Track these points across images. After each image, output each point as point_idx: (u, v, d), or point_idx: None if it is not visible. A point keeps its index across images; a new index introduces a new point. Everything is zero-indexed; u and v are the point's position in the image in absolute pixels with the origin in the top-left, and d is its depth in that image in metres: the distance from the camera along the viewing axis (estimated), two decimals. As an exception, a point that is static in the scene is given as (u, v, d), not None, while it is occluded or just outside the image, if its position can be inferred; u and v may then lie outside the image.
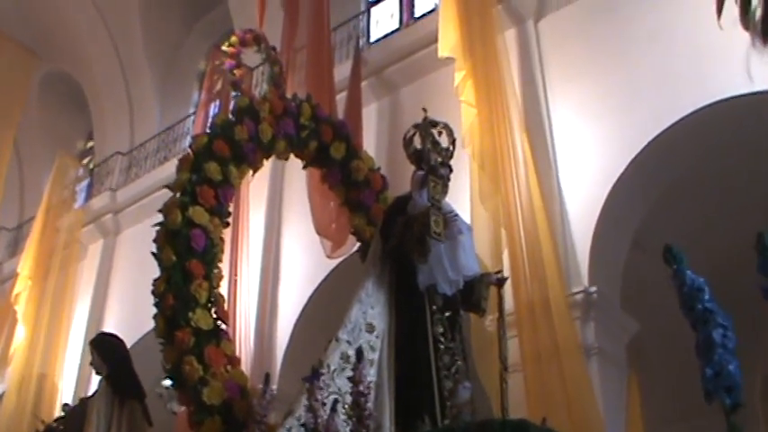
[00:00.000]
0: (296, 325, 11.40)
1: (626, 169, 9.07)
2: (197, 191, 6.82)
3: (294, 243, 11.92)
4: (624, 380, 8.70)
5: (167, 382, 8.07)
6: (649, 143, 9.03)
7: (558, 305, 8.36)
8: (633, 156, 9.07)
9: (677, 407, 10.44)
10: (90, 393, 8.12)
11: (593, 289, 8.70)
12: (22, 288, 15.32)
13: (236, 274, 10.93)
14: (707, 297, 3.40)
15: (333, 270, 10.78)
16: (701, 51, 8.88)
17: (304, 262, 11.60)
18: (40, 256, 15.72)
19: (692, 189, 10.06)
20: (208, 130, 7.68)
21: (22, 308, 15.17)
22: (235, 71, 9.79)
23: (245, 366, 10.00)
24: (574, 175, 9.34)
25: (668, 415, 10.84)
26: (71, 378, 14.10)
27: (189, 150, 7.29)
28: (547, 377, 8.10)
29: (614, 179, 9.08)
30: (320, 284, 11.28)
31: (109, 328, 13.22)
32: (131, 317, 13.30)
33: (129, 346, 10.63)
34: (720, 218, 10.40)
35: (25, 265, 15.62)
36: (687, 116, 8.83)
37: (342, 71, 11.87)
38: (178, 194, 6.87)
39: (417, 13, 13.49)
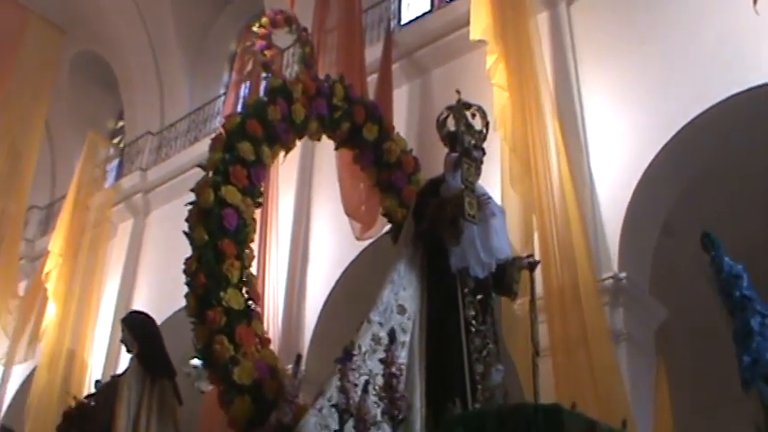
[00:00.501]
0: (324, 306, 11.43)
1: (657, 156, 9.03)
2: (230, 170, 6.82)
3: (323, 224, 11.94)
4: (652, 366, 8.66)
5: (195, 361, 8.14)
6: (680, 130, 8.99)
7: (587, 290, 8.34)
8: (664, 142, 9.03)
9: (706, 394, 10.39)
10: (120, 370, 8.21)
11: (623, 275, 8.68)
12: (53, 266, 15.43)
13: (265, 255, 10.97)
14: (745, 284, 3.38)
15: (362, 252, 10.81)
16: (733, 37, 8.82)
17: (333, 243, 11.62)
18: (71, 235, 15.83)
19: (723, 175, 10.00)
20: (240, 111, 7.69)
21: (52, 285, 15.28)
22: (265, 52, 9.79)
23: (274, 347, 10.08)
24: (605, 160, 9.30)
25: (697, 402, 10.79)
26: (100, 355, 14.23)
27: (221, 130, 7.29)
28: (575, 363, 8.10)
29: (645, 165, 9.05)
30: (349, 266, 11.31)
31: (137, 306, 13.34)
32: (160, 295, 13.40)
33: (157, 324, 10.83)
34: (751, 204, 10.33)
35: (56, 243, 15.73)
36: (718, 103, 8.79)
37: (373, 53, 11.86)
38: (210, 174, 6.88)
39: (449, -4, 13.43)
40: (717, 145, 9.37)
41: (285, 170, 11.68)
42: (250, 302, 6.53)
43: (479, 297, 5.77)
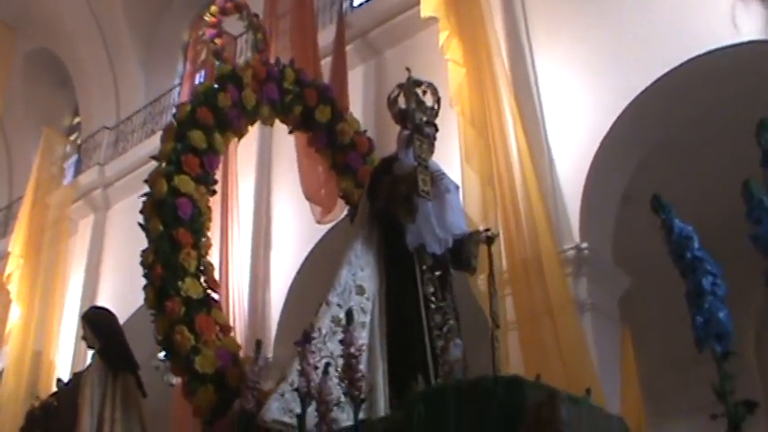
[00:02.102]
0: (289, 291, 11.39)
1: (614, 124, 9.05)
2: (182, 160, 6.77)
3: (285, 209, 11.89)
4: (618, 334, 8.72)
5: (163, 355, 8.07)
6: (636, 97, 9.00)
7: (549, 262, 8.37)
8: (620, 111, 9.04)
9: (671, 358, 10.48)
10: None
11: (585, 245, 8.71)
12: (14, 267, 15.28)
13: (227, 243, 10.91)
14: (696, 245, 3.36)
15: (324, 235, 10.76)
16: (686, 4, 8.84)
17: (295, 228, 11.57)
18: (31, 235, 15.69)
19: (681, 141, 10.02)
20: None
21: (15, 287, 15.15)
22: (216, 40, 9.72)
23: (240, 335, 10.03)
24: (562, 131, 9.31)
25: (662, 367, 10.90)
26: (67, 354, 14.10)
27: (173, 120, 7.23)
28: (541, 334, 8.13)
29: (602, 135, 9.06)
30: (312, 250, 11.27)
31: (103, 302, 13.20)
32: (125, 290, 13.26)
33: (124, 319, 10.72)
34: (710, 169, 10.38)
35: (16, 243, 15.58)
36: (674, 69, 8.80)
37: (326, 36, 11.83)
38: (163, 164, 6.82)
39: (399, -25, 13.35)
40: (674, 111, 9.39)
41: (243, 156, 11.61)
42: (209, 291, 6.48)
43: (438, 273, 5.74)
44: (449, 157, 8.66)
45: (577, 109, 9.32)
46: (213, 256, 8.45)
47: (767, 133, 3.04)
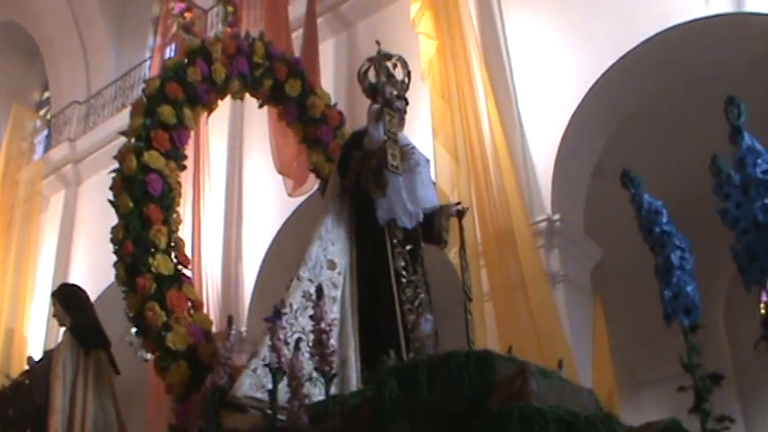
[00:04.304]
0: (262, 266, 11.38)
1: (585, 96, 9.08)
2: (151, 135, 6.70)
3: (257, 183, 11.85)
4: (590, 305, 8.79)
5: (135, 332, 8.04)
6: (608, 70, 9.04)
7: (521, 234, 8.41)
8: (592, 83, 9.08)
9: (642, 330, 10.56)
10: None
11: (557, 217, 8.76)
12: (-15, 244, 15.15)
13: (199, 218, 10.87)
14: (665, 220, 3.38)
15: (297, 209, 10.73)
16: (658, -27, 8.84)
17: (268, 202, 11.54)
18: (2, 211, 15.55)
19: (653, 114, 10.07)
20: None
21: (-14, 264, 15.02)
22: (186, 14, 9.64)
23: (213, 310, 10.01)
24: (534, 104, 9.33)
25: (634, 338, 10.99)
26: (39, 331, 14.02)
27: (142, 95, 7.16)
28: (515, 306, 8.19)
29: (574, 107, 9.10)
30: (284, 224, 11.25)
31: (75, 278, 13.14)
32: (97, 266, 13.18)
33: (97, 294, 10.69)
34: (681, 142, 10.43)
35: (-14, 220, 15.44)
36: (644, 42, 8.83)
37: (297, 8, 11.74)
38: (133, 140, 6.76)
39: (371, -53, 13.26)
40: (646, 84, 9.42)
41: (215, 131, 11.54)
42: (180, 267, 6.45)
43: (409, 248, 5.74)
44: (420, 130, 8.65)
45: (549, 82, 9.33)
46: (185, 232, 8.43)
47: (735, 109, 3.04)
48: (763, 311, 9.76)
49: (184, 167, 7.11)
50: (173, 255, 6.42)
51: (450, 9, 9.73)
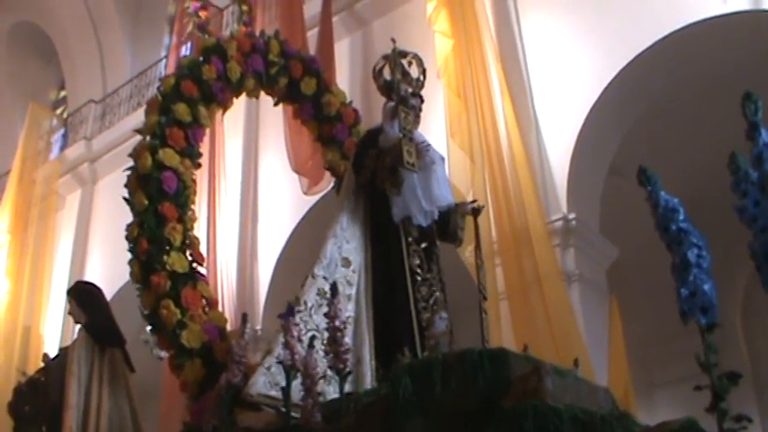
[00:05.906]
0: (277, 264, 11.38)
1: (601, 95, 9.04)
2: (166, 133, 6.70)
3: (272, 181, 11.85)
4: (605, 305, 8.75)
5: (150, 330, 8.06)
6: (624, 68, 8.99)
7: (537, 233, 8.39)
8: (608, 81, 9.04)
9: (659, 329, 10.52)
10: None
11: (572, 216, 8.73)
12: (2, 243, 15.21)
13: (215, 216, 10.88)
14: (681, 217, 3.34)
15: (312, 207, 10.73)
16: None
17: (283, 200, 11.54)
18: (18, 210, 15.61)
19: (668, 112, 10.02)
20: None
21: (3, 263, 15.08)
22: (201, 13, 9.65)
23: (229, 308, 10.02)
24: (549, 102, 9.29)
25: (650, 337, 10.94)
26: (56, 329, 14.07)
27: (157, 93, 7.17)
28: (530, 305, 8.17)
29: (590, 105, 9.05)
30: (300, 222, 11.25)
31: (91, 276, 13.18)
32: (114, 264, 13.18)
33: (113, 292, 10.70)
34: (697, 140, 10.37)
35: (3, 219, 15.51)
36: (661, 40, 8.79)
37: (312, 7, 11.73)
38: (148, 138, 6.77)
39: (386, -55, 13.24)
40: (661, 82, 9.37)
41: (230, 128, 11.56)
42: (195, 265, 6.45)
43: (424, 246, 5.73)
44: (435, 129, 8.64)
45: (565, 80, 9.29)
46: (200, 230, 8.44)
47: (752, 105, 3.02)
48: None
49: (199, 165, 7.13)
50: (187, 252, 6.42)
51: (467, 7, 9.71)
